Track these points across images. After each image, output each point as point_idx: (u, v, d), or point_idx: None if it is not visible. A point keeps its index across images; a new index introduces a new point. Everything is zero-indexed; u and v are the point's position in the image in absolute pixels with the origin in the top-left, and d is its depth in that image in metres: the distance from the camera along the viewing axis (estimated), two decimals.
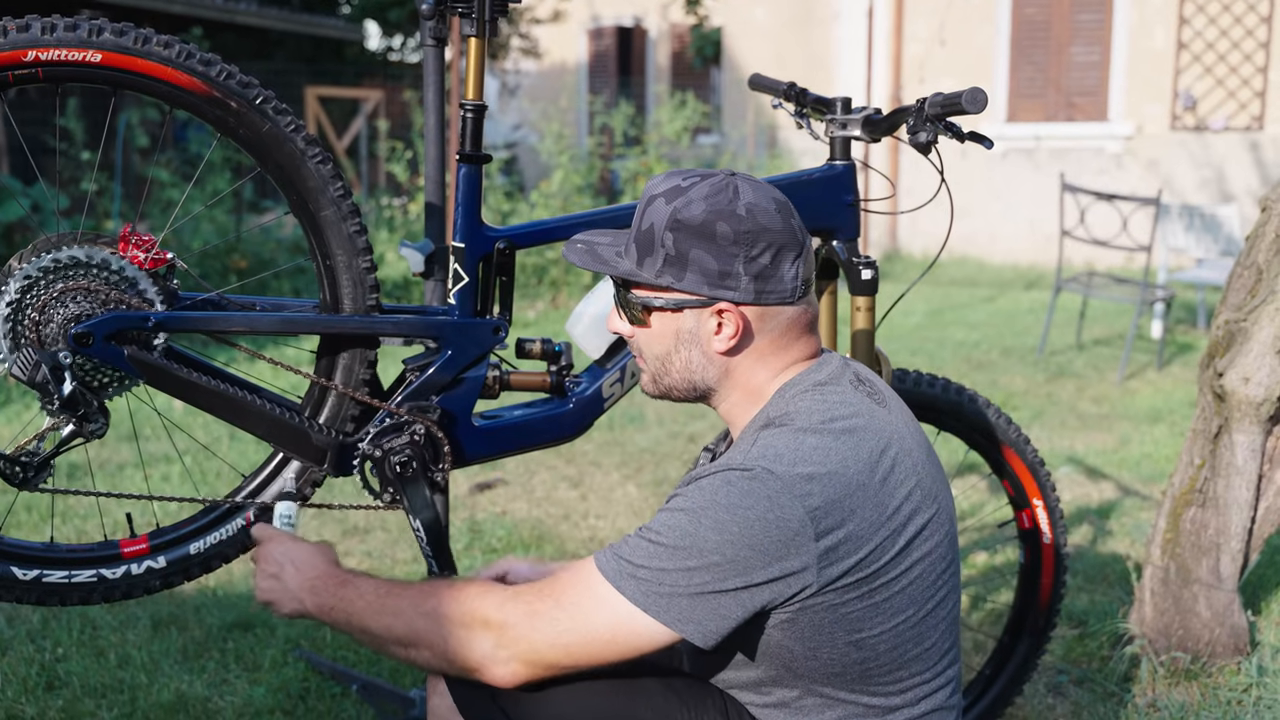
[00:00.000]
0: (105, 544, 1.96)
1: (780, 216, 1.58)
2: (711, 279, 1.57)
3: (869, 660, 1.58)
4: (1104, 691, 2.83)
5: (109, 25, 1.76)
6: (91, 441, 1.89)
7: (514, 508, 4.28)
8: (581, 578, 1.56)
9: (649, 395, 1.72)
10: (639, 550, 1.52)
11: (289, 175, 1.89)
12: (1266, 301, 2.72)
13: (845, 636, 1.55)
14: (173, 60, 1.79)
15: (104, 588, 1.94)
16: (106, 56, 1.76)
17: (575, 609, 1.54)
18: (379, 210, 10.34)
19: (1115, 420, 5.64)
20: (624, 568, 1.52)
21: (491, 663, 1.56)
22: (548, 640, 1.54)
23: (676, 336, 1.63)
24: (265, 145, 1.87)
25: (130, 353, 1.83)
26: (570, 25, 16.91)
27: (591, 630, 1.53)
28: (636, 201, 1.68)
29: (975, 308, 9.39)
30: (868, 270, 2.22)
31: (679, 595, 1.49)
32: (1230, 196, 11.09)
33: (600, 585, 1.53)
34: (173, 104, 1.83)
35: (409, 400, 2.03)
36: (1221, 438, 2.83)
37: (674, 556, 1.49)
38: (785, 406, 1.60)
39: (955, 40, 12.19)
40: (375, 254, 8.68)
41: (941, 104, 2.02)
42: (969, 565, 3.63)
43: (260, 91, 1.85)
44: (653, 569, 1.50)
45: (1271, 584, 3.37)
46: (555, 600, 1.55)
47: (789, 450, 1.51)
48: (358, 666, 2.95)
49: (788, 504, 1.48)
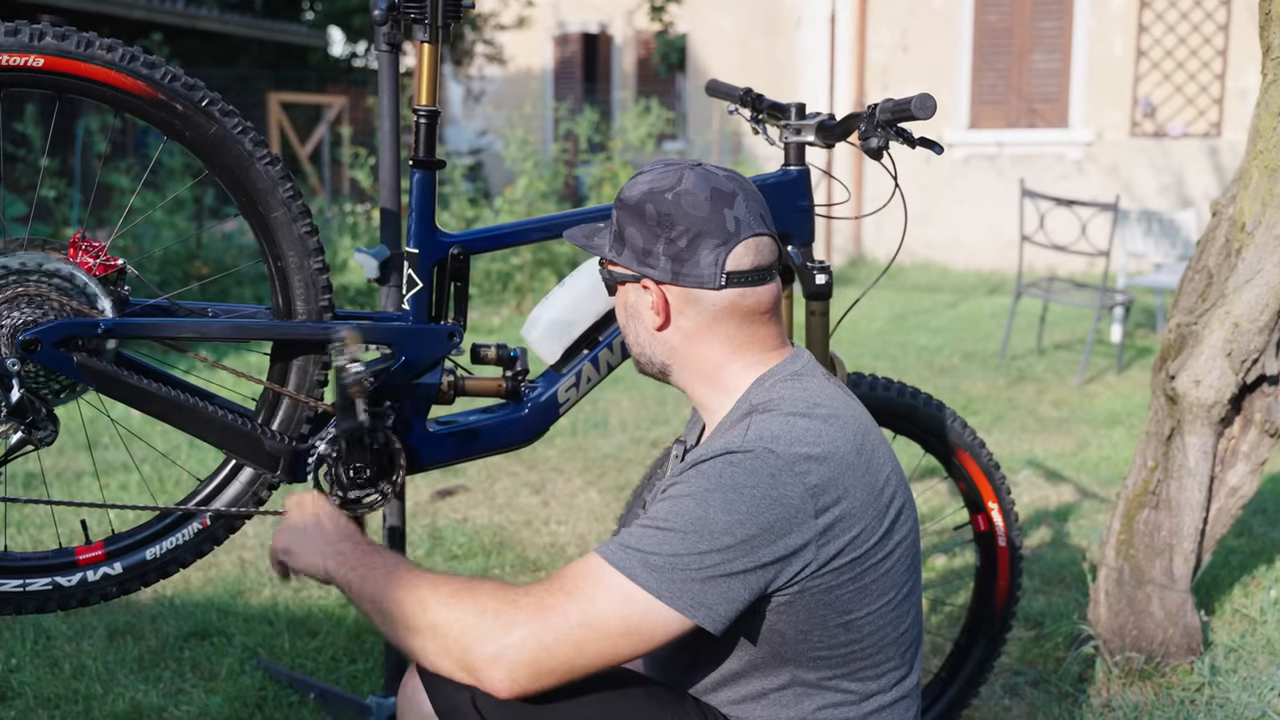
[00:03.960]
0: (60, 551, 1.94)
1: (710, 205, 1.63)
2: (639, 255, 1.68)
3: (854, 643, 1.61)
4: (1060, 692, 2.85)
5: (51, 29, 1.74)
6: (42, 449, 1.87)
7: (475, 514, 4.27)
8: (589, 571, 1.52)
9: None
10: (648, 538, 1.51)
11: (237, 177, 1.88)
12: (1217, 305, 2.76)
13: (836, 619, 1.58)
14: (116, 64, 1.77)
15: (60, 595, 1.91)
16: (49, 61, 1.73)
17: (588, 602, 1.49)
18: (342, 216, 10.30)
19: (1074, 424, 5.69)
20: (634, 556, 1.50)
21: (496, 662, 1.49)
22: (558, 635, 1.48)
23: (626, 310, 1.74)
24: (213, 148, 1.85)
25: (79, 359, 1.81)
26: (536, 31, 16.91)
27: (605, 623, 1.49)
28: (597, 206, 1.76)
29: (938, 313, 9.45)
30: (822, 275, 2.23)
31: (693, 580, 1.49)
32: (1189, 202, 11.21)
33: (612, 576, 1.50)
34: (118, 108, 1.81)
35: None
36: (1174, 440, 2.87)
37: (686, 540, 1.49)
38: (766, 395, 1.64)
39: (918, 47, 12.26)
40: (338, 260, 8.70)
41: (892, 110, 2.03)
42: (927, 568, 3.65)
43: (206, 93, 1.83)
44: (665, 555, 1.49)
45: (1224, 584, 3.41)
46: (566, 594, 1.50)
47: (784, 432, 1.55)
48: (315, 675, 2.94)
49: (789, 481, 1.51)
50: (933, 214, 11.90)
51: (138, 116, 1.83)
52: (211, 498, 2.01)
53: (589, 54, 17.27)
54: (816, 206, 2.30)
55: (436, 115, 2.06)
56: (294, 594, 3.47)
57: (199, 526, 1.99)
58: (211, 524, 1.99)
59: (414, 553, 3.78)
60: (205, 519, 1.99)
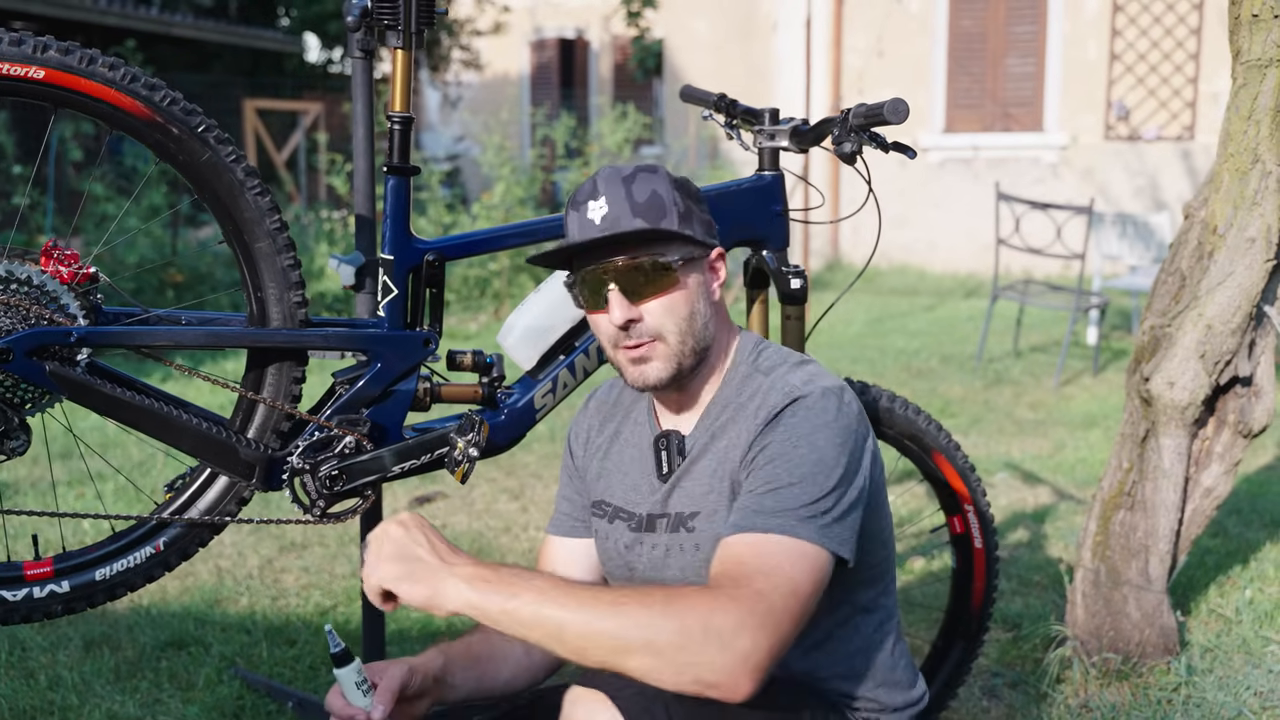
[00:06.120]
0: (8, 565, 1.91)
1: None
2: (708, 230, 1.75)
3: (885, 559, 1.78)
4: (1037, 693, 2.86)
5: (54, 43, 1.74)
6: (13, 458, 1.86)
7: (454, 520, 4.26)
8: (761, 549, 1.52)
9: (654, 385, 1.72)
10: (783, 498, 1.56)
11: (226, 205, 1.89)
12: (1190, 307, 2.78)
13: (875, 533, 1.75)
14: (117, 82, 1.77)
15: (3, 610, 1.89)
16: (50, 74, 1.74)
17: (783, 575, 1.48)
18: (318, 223, 10.27)
19: (1051, 426, 5.72)
20: (788, 518, 1.54)
21: (743, 668, 1.40)
22: (779, 617, 1.44)
23: (696, 289, 1.73)
24: (204, 173, 1.86)
25: (52, 368, 1.80)
26: (512, 37, 16.89)
27: (804, 586, 1.50)
28: None
29: (915, 316, 9.48)
30: (797, 279, 2.24)
31: (833, 521, 1.57)
32: (1163, 205, 11.29)
33: (784, 544, 1.52)
34: (114, 126, 1.82)
35: (339, 414, 2.02)
36: (1149, 441, 2.88)
37: (813, 485, 1.57)
38: (757, 356, 1.78)
39: (893, 52, 12.32)
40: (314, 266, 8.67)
41: (865, 115, 2.04)
42: (905, 571, 3.66)
43: (203, 120, 1.84)
44: (806, 505, 1.55)
45: (1200, 585, 3.43)
46: (763, 576, 1.47)
47: (814, 373, 1.70)
48: (293, 684, 2.92)
49: (847, 409, 1.66)
50: (909, 218, 11.95)
51: (133, 136, 1.83)
52: (183, 510, 2.00)
53: (566, 59, 17.26)
54: (791, 211, 2.30)
55: (411, 121, 2.06)
56: (272, 602, 3.45)
57: (151, 550, 1.97)
58: (164, 549, 1.98)
59: None
60: (159, 544, 1.98)
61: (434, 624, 3.28)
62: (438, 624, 3.28)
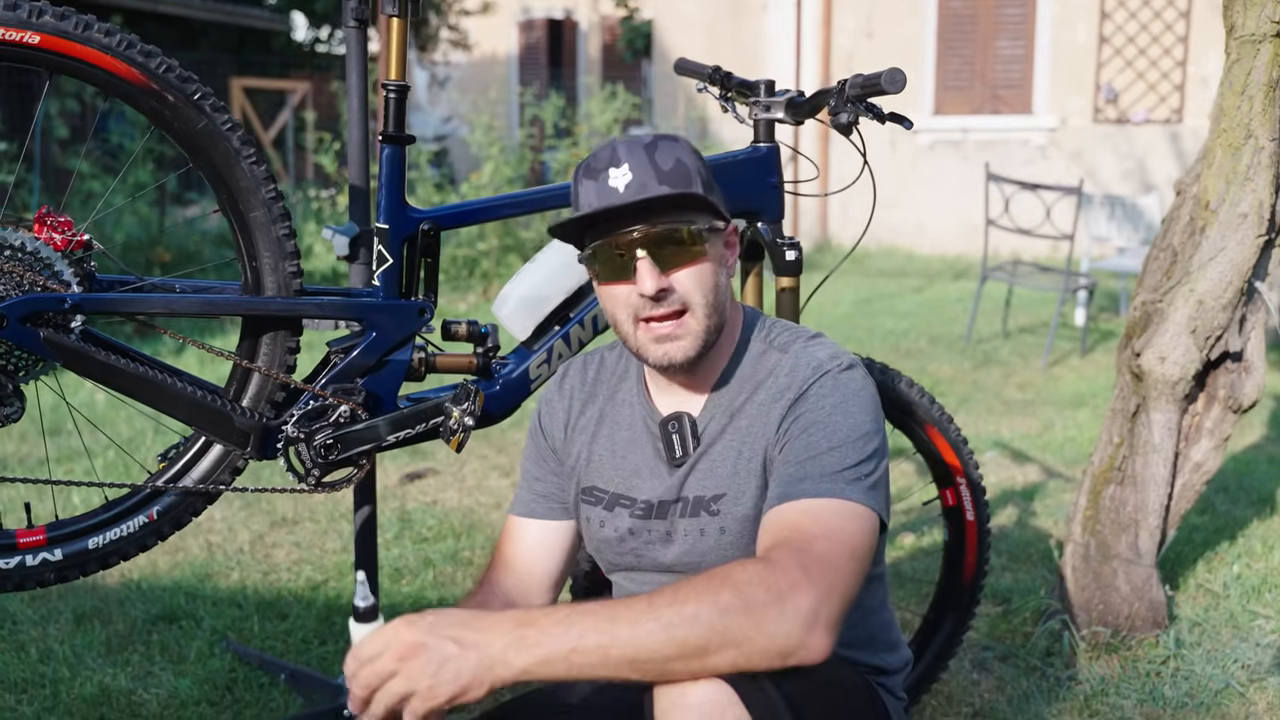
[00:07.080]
0: (0, 533, 1.92)
1: None
2: (724, 202, 1.71)
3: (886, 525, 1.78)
4: (1027, 666, 2.88)
5: (50, 8, 1.73)
6: (6, 426, 1.86)
7: (445, 497, 4.26)
8: (817, 514, 1.51)
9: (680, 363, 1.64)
10: (826, 463, 1.56)
11: (221, 173, 1.88)
12: (1181, 283, 2.78)
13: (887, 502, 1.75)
14: (112, 48, 1.77)
15: None
16: (45, 39, 1.73)
17: (839, 536, 1.49)
18: (306, 202, 10.24)
19: (1039, 405, 5.74)
20: (836, 480, 1.55)
21: (813, 632, 1.37)
22: (842, 576, 1.44)
23: (718, 263, 1.68)
24: (199, 142, 1.85)
25: (46, 335, 1.80)
26: (500, 17, 16.81)
27: (861, 545, 1.51)
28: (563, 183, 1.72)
29: (904, 297, 9.49)
30: (791, 251, 2.24)
31: (876, 484, 1.59)
32: (1151, 186, 11.31)
33: (835, 505, 1.53)
34: (109, 92, 1.81)
35: (333, 383, 2.02)
36: (1139, 416, 2.90)
37: (853, 450, 1.58)
38: (767, 332, 1.76)
39: (883, 32, 12.30)
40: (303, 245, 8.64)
41: (862, 85, 2.04)
42: (897, 546, 3.68)
43: (199, 87, 1.84)
44: (850, 468, 1.56)
45: (1188, 560, 3.46)
46: (824, 538, 1.47)
47: (832, 347, 1.71)
48: (285, 656, 2.92)
49: (869, 381, 1.68)
50: (899, 199, 11.95)
51: (128, 103, 1.82)
52: (178, 478, 2.00)
53: (554, 39, 17.18)
54: (785, 184, 2.30)
55: (406, 90, 2.05)
56: (263, 577, 3.45)
57: (144, 519, 1.97)
58: (157, 518, 1.98)
59: (383, 536, 3.77)
60: (152, 513, 1.97)
61: (426, 596, 3.28)
62: (430, 596, 3.28)
